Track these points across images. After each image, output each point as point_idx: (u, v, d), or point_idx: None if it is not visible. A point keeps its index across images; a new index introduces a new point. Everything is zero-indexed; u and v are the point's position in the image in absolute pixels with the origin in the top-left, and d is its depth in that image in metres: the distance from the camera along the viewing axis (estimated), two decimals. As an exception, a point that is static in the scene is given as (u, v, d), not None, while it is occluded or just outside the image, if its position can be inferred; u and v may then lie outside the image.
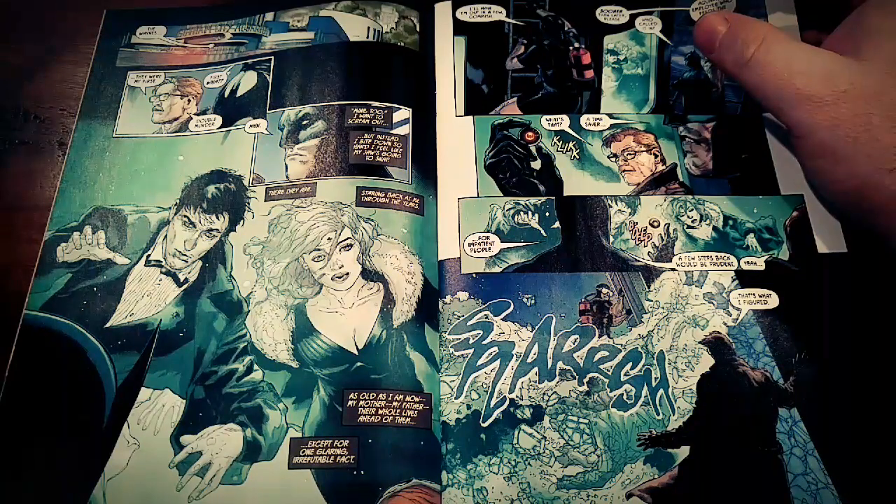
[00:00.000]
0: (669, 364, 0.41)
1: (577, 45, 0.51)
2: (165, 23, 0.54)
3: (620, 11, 0.52)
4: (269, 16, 0.54)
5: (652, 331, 0.42)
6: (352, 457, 0.39)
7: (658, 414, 0.40)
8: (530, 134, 0.48)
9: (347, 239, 0.45)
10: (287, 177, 0.47)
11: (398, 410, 0.40)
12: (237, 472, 0.39)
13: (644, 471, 0.38)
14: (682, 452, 0.39)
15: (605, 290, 0.43)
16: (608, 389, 0.40)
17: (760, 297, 0.42)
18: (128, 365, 0.42)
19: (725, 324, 0.42)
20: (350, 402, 0.40)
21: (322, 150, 0.48)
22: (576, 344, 0.41)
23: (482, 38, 0.51)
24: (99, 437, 0.40)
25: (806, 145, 0.41)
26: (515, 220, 0.45)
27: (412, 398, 0.40)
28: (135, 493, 0.38)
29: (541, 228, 0.45)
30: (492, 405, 0.40)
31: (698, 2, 0.52)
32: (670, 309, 0.42)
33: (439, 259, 0.44)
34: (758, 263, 0.43)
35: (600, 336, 0.42)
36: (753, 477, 0.38)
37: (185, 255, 0.45)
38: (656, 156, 0.47)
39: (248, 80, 0.51)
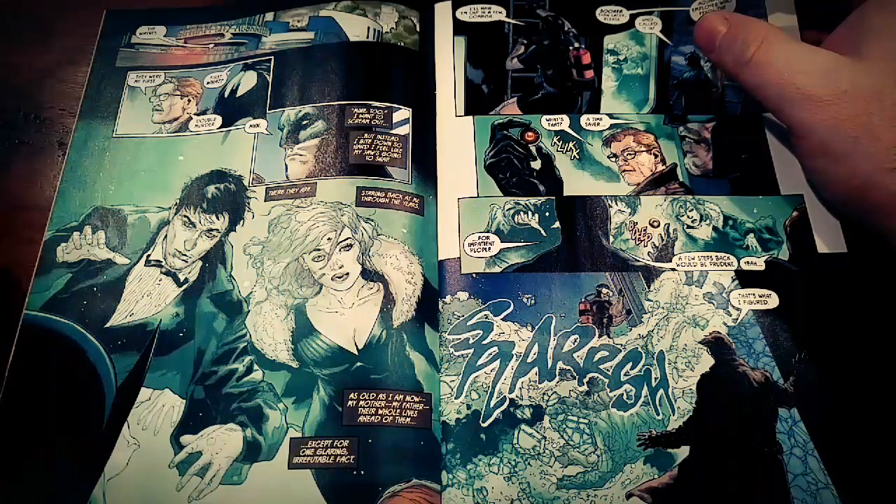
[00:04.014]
0: (669, 364, 0.41)
1: (577, 45, 0.51)
2: (165, 23, 0.54)
3: (620, 11, 0.52)
4: (269, 16, 0.54)
5: (652, 331, 0.42)
6: (352, 457, 0.39)
7: (658, 414, 0.40)
8: (530, 134, 0.48)
9: (347, 239, 0.45)
10: (287, 177, 0.47)
11: (398, 410, 0.40)
12: (237, 472, 0.39)
13: (644, 471, 0.38)
14: (682, 452, 0.39)
15: (605, 290, 0.43)
16: (608, 389, 0.40)
17: (760, 297, 0.42)
18: (128, 365, 0.42)
19: (725, 324, 0.42)
20: (350, 402, 0.40)
21: (322, 150, 0.48)
22: (576, 344, 0.41)
23: (482, 38, 0.51)
24: (99, 437, 0.40)
25: (806, 145, 0.41)
26: (515, 220, 0.45)
27: (412, 398, 0.40)
28: (135, 493, 0.38)
29: (541, 228, 0.45)
30: (492, 405, 0.40)
31: (698, 2, 0.52)
32: (670, 309, 0.42)
33: (439, 259, 0.44)
34: (758, 263, 0.43)
35: (600, 336, 0.42)
36: (753, 477, 0.38)
37: (185, 255, 0.45)
38: (656, 156, 0.47)
39: (248, 80, 0.51)
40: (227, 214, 0.46)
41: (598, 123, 0.48)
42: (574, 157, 0.47)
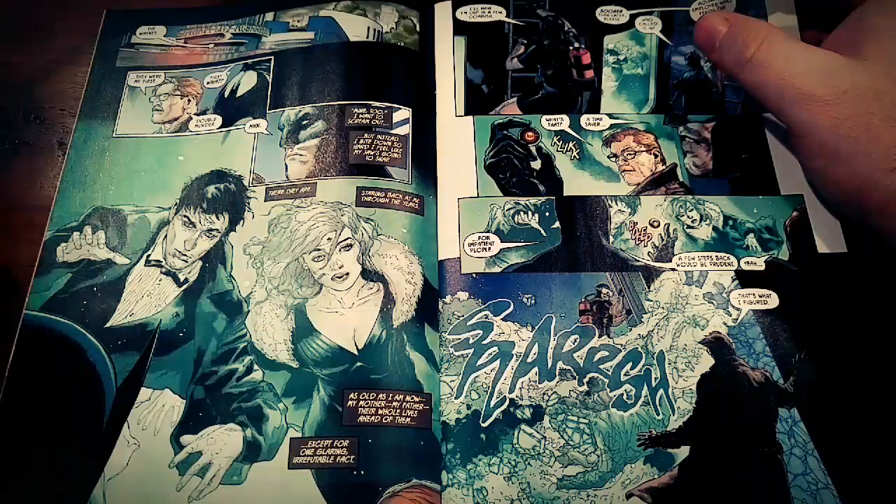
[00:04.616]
0: (669, 364, 0.41)
1: (577, 45, 0.51)
2: (165, 23, 0.54)
3: (620, 11, 0.52)
4: (269, 16, 0.54)
5: (652, 331, 0.42)
6: (352, 457, 0.39)
7: (658, 414, 0.40)
8: (530, 134, 0.48)
9: (347, 239, 0.45)
10: (287, 177, 0.47)
11: (398, 410, 0.40)
12: (237, 472, 0.39)
13: (644, 471, 0.38)
14: (682, 452, 0.39)
15: (605, 290, 0.43)
16: (608, 389, 0.40)
17: (760, 297, 0.42)
18: (128, 365, 0.42)
19: (725, 324, 0.42)
20: (350, 402, 0.40)
21: (322, 150, 0.48)
22: (576, 344, 0.41)
23: (482, 38, 0.51)
24: (99, 437, 0.40)
25: (806, 145, 0.41)
26: (515, 220, 0.45)
27: (412, 398, 0.40)
28: (135, 493, 0.38)
29: (541, 228, 0.45)
30: (492, 405, 0.40)
31: (698, 2, 0.52)
32: (670, 309, 0.42)
33: (439, 259, 0.44)
34: (758, 263, 0.43)
35: (600, 336, 0.42)
36: (753, 477, 0.38)
37: (185, 255, 0.45)
38: (656, 156, 0.47)
39: (248, 80, 0.51)
40: (227, 214, 0.46)
41: (598, 123, 0.48)
42: (574, 157, 0.47)
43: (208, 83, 0.51)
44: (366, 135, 0.48)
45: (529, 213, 0.45)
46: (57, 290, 0.44)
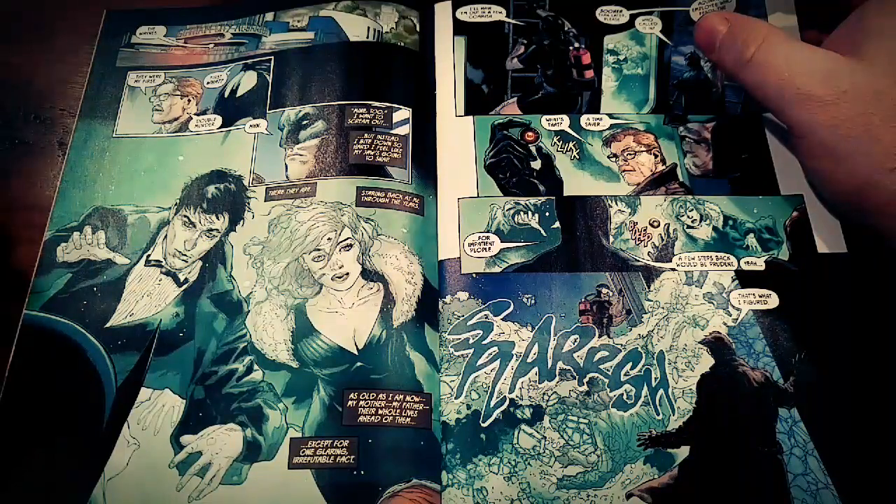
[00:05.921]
0: (669, 364, 0.41)
1: (577, 45, 0.51)
2: (165, 23, 0.54)
3: (620, 11, 0.52)
4: (269, 16, 0.54)
5: (652, 331, 0.42)
6: (352, 457, 0.39)
7: (658, 414, 0.40)
8: (530, 134, 0.48)
9: (347, 239, 0.45)
10: (287, 177, 0.47)
11: (398, 410, 0.40)
12: (237, 472, 0.39)
13: (644, 471, 0.38)
14: (682, 452, 0.39)
15: (605, 290, 0.43)
16: (608, 389, 0.40)
17: (760, 297, 0.42)
18: (128, 365, 0.42)
19: (725, 324, 0.42)
20: (350, 402, 0.40)
21: (322, 150, 0.48)
22: (576, 344, 0.42)
23: (482, 38, 0.51)
24: (99, 437, 0.40)
25: (806, 145, 0.41)
26: (515, 220, 0.45)
27: (412, 398, 0.40)
28: (135, 493, 0.38)
29: (541, 228, 0.45)
30: (492, 405, 0.40)
31: (698, 2, 0.52)
32: (670, 309, 0.42)
33: (439, 259, 0.44)
34: (758, 263, 0.43)
35: (600, 336, 0.42)
36: (753, 477, 0.38)
37: (185, 255, 0.45)
38: (656, 156, 0.47)
39: (248, 80, 0.51)
40: (227, 214, 0.46)
41: (598, 123, 0.48)
42: (574, 157, 0.47)
43: (208, 83, 0.51)
44: (366, 135, 0.48)
45: (529, 213, 0.45)
46: (57, 290, 0.44)
